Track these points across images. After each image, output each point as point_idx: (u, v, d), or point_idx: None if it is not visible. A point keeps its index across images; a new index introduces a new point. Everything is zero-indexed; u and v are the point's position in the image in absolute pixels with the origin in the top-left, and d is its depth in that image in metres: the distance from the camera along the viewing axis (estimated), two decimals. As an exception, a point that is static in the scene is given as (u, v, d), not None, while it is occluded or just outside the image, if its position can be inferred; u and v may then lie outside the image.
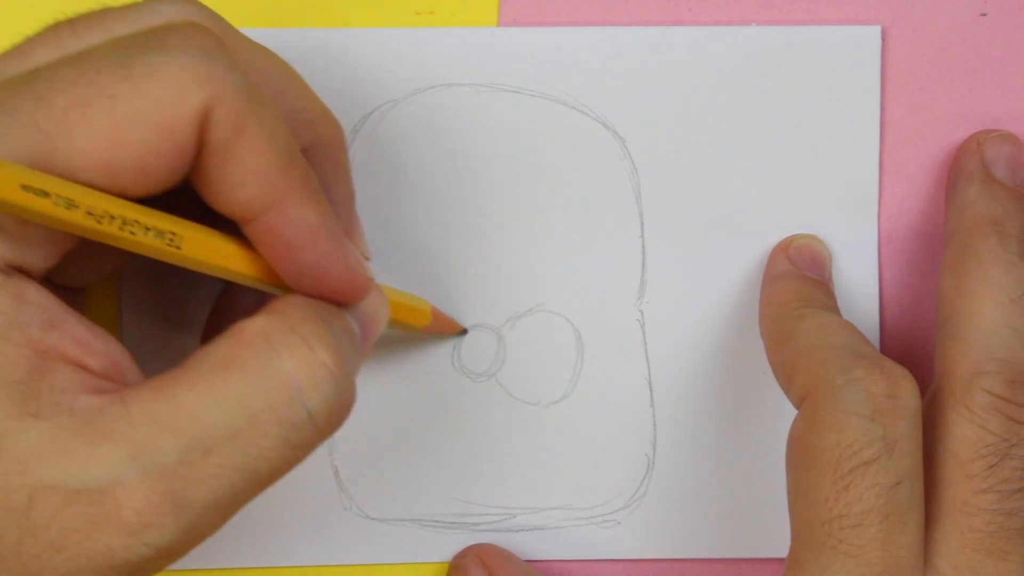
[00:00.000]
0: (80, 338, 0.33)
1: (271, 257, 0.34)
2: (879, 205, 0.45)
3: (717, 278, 0.45)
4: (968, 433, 0.39)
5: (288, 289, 0.35)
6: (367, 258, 0.39)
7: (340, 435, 0.44)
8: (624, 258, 0.45)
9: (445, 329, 0.44)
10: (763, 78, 0.44)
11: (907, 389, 0.38)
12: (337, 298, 0.35)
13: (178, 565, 0.44)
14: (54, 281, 0.36)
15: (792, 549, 0.39)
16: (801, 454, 0.39)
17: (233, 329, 0.33)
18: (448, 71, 0.44)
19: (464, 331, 0.44)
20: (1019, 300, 0.40)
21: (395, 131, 0.44)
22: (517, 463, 0.45)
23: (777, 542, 0.45)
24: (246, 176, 0.33)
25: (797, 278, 0.43)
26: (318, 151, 0.37)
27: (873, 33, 0.44)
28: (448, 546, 0.45)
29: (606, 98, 0.44)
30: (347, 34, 0.43)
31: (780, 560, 0.45)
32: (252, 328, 0.33)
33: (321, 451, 0.44)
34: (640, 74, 0.44)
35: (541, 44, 0.44)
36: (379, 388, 0.45)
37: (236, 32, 0.36)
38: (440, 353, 0.45)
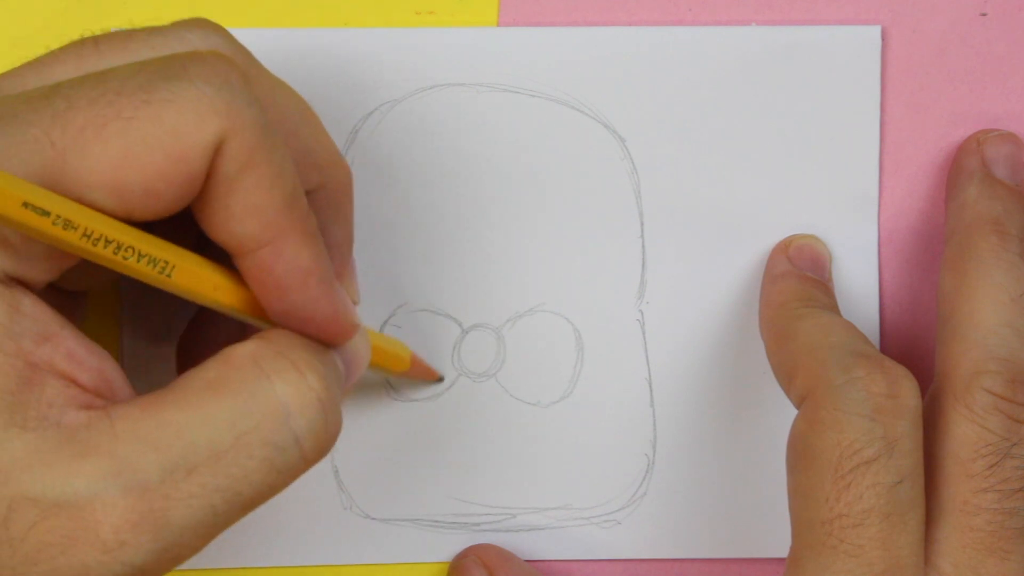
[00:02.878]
0: (73, 353, 0.33)
1: (260, 293, 0.34)
2: (879, 205, 0.45)
3: (717, 278, 0.45)
4: (968, 432, 0.39)
5: (274, 325, 0.35)
6: (356, 302, 0.39)
7: (340, 436, 0.44)
8: (624, 258, 0.45)
9: (423, 376, 0.44)
10: (763, 78, 0.44)
11: (907, 388, 0.38)
12: (321, 339, 0.35)
13: (178, 565, 0.44)
14: (55, 286, 0.36)
15: (792, 549, 0.39)
16: (801, 454, 0.39)
17: (222, 353, 0.33)
18: (448, 71, 0.44)
19: (441, 379, 0.44)
20: (1019, 299, 0.40)
21: (395, 131, 0.44)
22: (517, 463, 0.45)
23: (777, 542, 0.45)
24: (247, 211, 0.33)
25: (797, 278, 0.43)
26: (324, 194, 0.37)
27: (873, 33, 0.44)
28: (448, 546, 0.45)
29: (606, 98, 0.44)
30: (347, 34, 0.43)
31: (780, 560, 0.45)
32: (242, 352, 0.33)
33: (321, 451, 0.44)
34: (640, 74, 0.44)
35: (541, 44, 0.44)
36: (379, 388, 0.45)
37: (259, 66, 0.36)
38: (440, 353, 0.45)
